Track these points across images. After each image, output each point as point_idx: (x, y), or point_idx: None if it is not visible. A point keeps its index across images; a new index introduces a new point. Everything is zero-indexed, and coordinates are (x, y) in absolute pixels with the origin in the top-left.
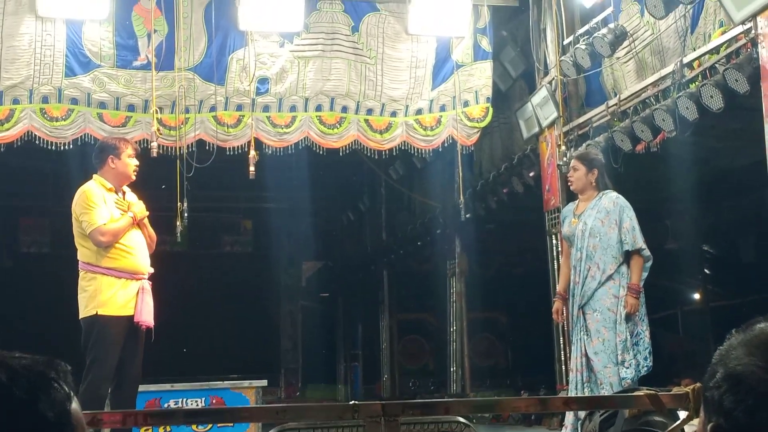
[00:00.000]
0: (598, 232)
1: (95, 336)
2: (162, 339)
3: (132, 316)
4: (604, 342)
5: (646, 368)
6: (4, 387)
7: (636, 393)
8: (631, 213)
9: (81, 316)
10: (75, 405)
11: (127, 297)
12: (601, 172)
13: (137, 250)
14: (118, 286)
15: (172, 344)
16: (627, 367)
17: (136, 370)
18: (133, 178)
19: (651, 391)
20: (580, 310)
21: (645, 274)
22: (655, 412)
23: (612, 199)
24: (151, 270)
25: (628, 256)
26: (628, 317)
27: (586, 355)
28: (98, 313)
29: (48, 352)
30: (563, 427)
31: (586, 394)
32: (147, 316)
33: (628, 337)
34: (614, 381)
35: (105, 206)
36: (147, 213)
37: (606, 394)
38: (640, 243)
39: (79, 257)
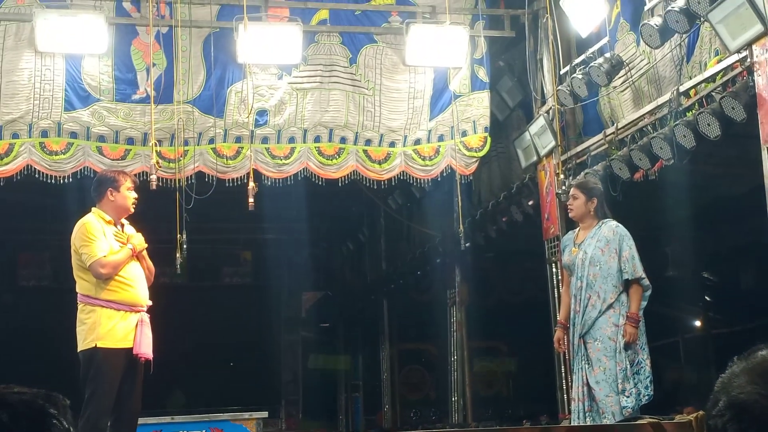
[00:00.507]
0: (598, 261)
1: (94, 369)
2: (162, 371)
3: (131, 349)
4: (606, 371)
5: (647, 397)
6: (4, 426)
7: (639, 421)
8: (631, 242)
9: (79, 348)
10: None
11: (126, 329)
12: (601, 201)
13: (136, 283)
14: (117, 319)
15: (172, 377)
16: (628, 396)
17: (136, 403)
18: (132, 210)
19: (654, 420)
20: (581, 339)
21: (644, 303)
22: None
23: (612, 227)
24: (150, 302)
25: (627, 285)
26: (628, 346)
27: (588, 384)
28: (97, 345)
29: (47, 385)
30: None
31: (588, 424)
32: (146, 349)
33: (628, 366)
34: (616, 410)
35: (104, 239)
36: (146, 245)
37: (608, 423)
38: (640, 272)
39: (77, 290)
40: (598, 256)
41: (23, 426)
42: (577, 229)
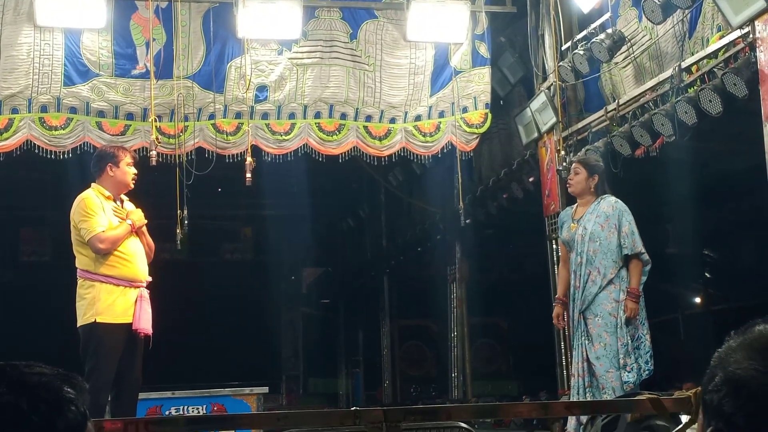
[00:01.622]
0: (598, 236)
1: (94, 344)
2: (162, 347)
3: (130, 324)
4: (606, 346)
5: (647, 372)
6: (23, 413)
7: (638, 397)
8: (630, 217)
9: (79, 323)
10: (90, 425)
11: (125, 305)
12: (602, 179)
13: (136, 258)
14: (116, 294)
15: (172, 352)
16: (629, 372)
17: (136, 378)
18: (132, 186)
19: (653, 396)
20: (581, 314)
21: (644, 278)
22: (657, 417)
23: (611, 203)
24: (150, 278)
25: (627, 260)
26: (629, 321)
27: (588, 359)
28: (97, 320)
29: (48, 360)
30: None
31: (588, 399)
32: (145, 324)
33: (629, 342)
34: (616, 385)
35: (104, 214)
36: (145, 221)
37: (608, 399)
38: (639, 247)
39: (77, 265)
40: (597, 232)
41: (40, 411)
42: (575, 204)
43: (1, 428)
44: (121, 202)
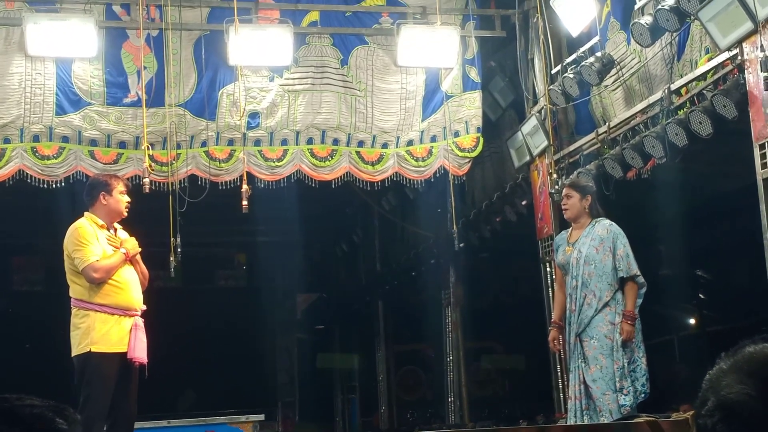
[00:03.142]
0: (593, 259)
1: (89, 373)
2: (157, 375)
3: (125, 353)
4: (602, 369)
5: (643, 395)
6: None
7: (636, 420)
8: (625, 240)
9: (73, 353)
10: None
11: (120, 333)
12: (594, 199)
13: (130, 286)
14: (111, 323)
15: (167, 380)
16: (626, 395)
17: (131, 408)
18: (125, 214)
19: (651, 418)
20: (577, 337)
21: (640, 301)
22: None
23: (605, 226)
24: (144, 307)
25: (622, 283)
26: (625, 344)
27: (585, 382)
28: (92, 350)
29: (41, 390)
30: None
31: (585, 422)
32: (140, 353)
33: (626, 364)
34: (613, 408)
35: (97, 243)
36: (139, 249)
37: (606, 422)
38: (635, 270)
39: (71, 294)
40: (592, 255)
41: None
42: (570, 228)
43: None
44: (115, 230)
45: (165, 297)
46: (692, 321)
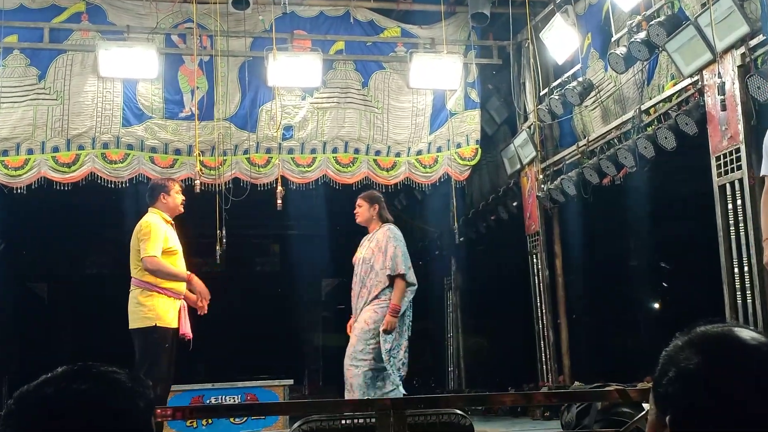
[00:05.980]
0: (369, 259)
1: (154, 343)
2: (203, 346)
3: (176, 329)
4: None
5: (400, 377)
6: (107, 403)
7: (607, 388)
8: (398, 242)
9: (137, 326)
10: (156, 412)
11: (174, 313)
12: (382, 207)
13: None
14: (170, 304)
15: (212, 350)
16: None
17: (172, 372)
18: (182, 210)
19: (620, 387)
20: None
21: (409, 297)
22: (623, 405)
23: (384, 230)
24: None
25: (391, 280)
26: (387, 332)
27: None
28: (157, 324)
29: (105, 360)
30: None
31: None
32: (188, 329)
33: (387, 349)
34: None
35: (161, 239)
36: (207, 293)
37: (579, 390)
38: (402, 269)
39: (136, 276)
40: (369, 255)
41: (120, 401)
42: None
43: (90, 414)
44: (173, 225)
45: (211, 280)
46: (656, 305)
